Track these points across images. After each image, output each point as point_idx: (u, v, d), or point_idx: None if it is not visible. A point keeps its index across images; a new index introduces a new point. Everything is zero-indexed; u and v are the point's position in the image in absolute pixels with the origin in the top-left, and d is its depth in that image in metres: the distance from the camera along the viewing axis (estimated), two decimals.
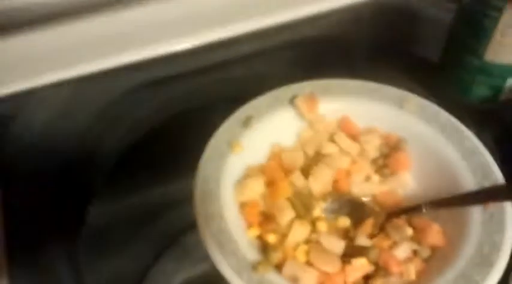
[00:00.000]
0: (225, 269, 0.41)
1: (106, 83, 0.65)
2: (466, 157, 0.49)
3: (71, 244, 0.53)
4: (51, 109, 0.62)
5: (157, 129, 0.65)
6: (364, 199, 0.51)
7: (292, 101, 0.53)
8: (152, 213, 0.62)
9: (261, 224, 0.47)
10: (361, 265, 0.44)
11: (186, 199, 0.47)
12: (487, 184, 0.47)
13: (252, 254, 0.43)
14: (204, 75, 0.69)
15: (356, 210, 0.50)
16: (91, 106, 0.64)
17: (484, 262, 0.42)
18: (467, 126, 0.52)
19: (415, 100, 0.53)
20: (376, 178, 0.52)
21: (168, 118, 0.66)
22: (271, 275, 0.42)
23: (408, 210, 0.49)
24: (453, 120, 0.52)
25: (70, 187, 0.58)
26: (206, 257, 0.43)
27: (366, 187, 0.52)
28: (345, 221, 0.49)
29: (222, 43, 0.67)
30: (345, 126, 0.53)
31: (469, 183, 0.48)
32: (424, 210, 0.48)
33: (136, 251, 0.60)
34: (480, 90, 0.60)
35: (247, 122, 0.51)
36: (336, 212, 0.50)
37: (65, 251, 0.52)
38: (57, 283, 0.50)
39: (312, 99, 0.53)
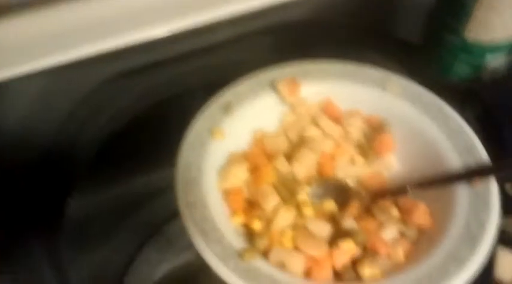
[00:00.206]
0: (210, 257, 0.40)
1: (85, 72, 0.63)
2: (450, 136, 0.49)
3: (51, 237, 0.52)
4: (29, 99, 0.60)
5: (138, 117, 0.64)
6: (349, 182, 0.51)
7: (273, 85, 0.52)
8: (134, 203, 0.61)
9: (245, 211, 0.46)
10: (348, 248, 0.43)
11: (169, 188, 0.45)
12: (472, 162, 0.47)
13: (237, 242, 0.42)
14: (183, 63, 0.68)
15: (341, 193, 0.49)
16: (70, 95, 0.62)
17: (471, 240, 0.42)
18: (450, 105, 0.51)
19: (398, 81, 0.53)
20: (360, 160, 0.51)
21: (148, 107, 0.65)
22: (258, 262, 0.41)
23: (393, 191, 0.48)
24: (437, 99, 0.51)
25: (50, 179, 0.56)
26: (190, 247, 0.42)
27: (351, 170, 0.51)
28: (330, 205, 0.48)
29: (201, 29, 0.66)
30: (327, 109, 0.53)
31: (454, 162, 0.47)
32: (409, 191, 0.47)
33: (119, 242, 0.59)
34: (461, 69, 0.59)
35: (227, 108, 0.50)
36: (321, 196, 0.49)
37: (46, 244, 0.51)
38: (39, 278, 0.49)
39: (293, 82, 0.52)
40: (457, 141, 0.48)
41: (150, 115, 0.63)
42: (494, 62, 0.58)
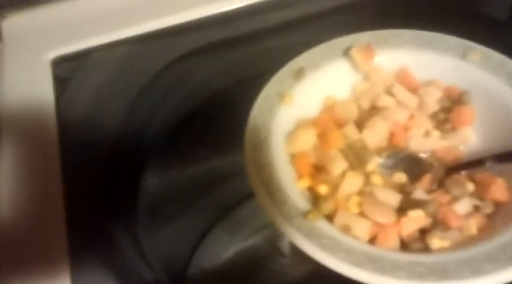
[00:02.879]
0: (276, 215, 0.40)
1: (163, 45, 0.64)
2: None
3: (129, 215, 0.54)
4: (107, 71, 0.62)
5: (214, 96, 0.64)
6: (423, 155, 0.49)
7: (347, 52, 0.51)
8: (207, 184, 0.62)
9: (312, 176, 0.45)
10: (417, 217, 0.42)
11: (241, 172, 0.45)
12: None
13: (303, 204, 0.42)
14: (260, 40, 0.67)
15: (413, 165, 0.48)
16: (146, 69, 0.64)
17: None
18: None
19: (479, 50, 0.50)
20: (436, 133, 0.49)
21: (224, 85, 0.65)
22: (323, 224, 0.41)
23: (470, 165, 0.46)
24: None
25: (125, 153, 0.57)
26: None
27: (425, 142, 0.49)
28: (401, 177, 0.46)
29: (280, 3, 0.66)
30: (403, 78, 0.51)
31: None
32: (487, 165, 0.45)
33: (191, 222, 0.60)
34: None
35: (299, 73, 0.50)
36: (391, 168, 0.48)
37: (123, 222, 0.51)
38: (117, 250, 0.50)
39: (368, 49, 0.50)
40: None
41: (226, 94, 0.63)
42: None
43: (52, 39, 0.62)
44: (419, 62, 0.51)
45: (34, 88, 0.57)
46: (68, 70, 0.61)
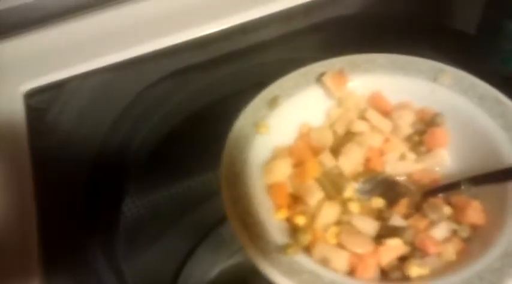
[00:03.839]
0: (253, 252, 0.40)
1: (139, 71, 0.64)
2: (506, 129, 0.46)
3: (107, 237, 0.53)
4: (85, 98, 0.62)
5: (192, 116, 0.64)
6: (399, 178, 0.49)
7: (319, 79, 0.51)
8: (190, 204, 0.62)
9: (289, 207, 0.45)
10: (395, 246, 0.42)
11: (220, 190, 0.45)
12: None
13: (280, 237, 0.42)
14: (237, 61, 0.67)
15: (390, 189, 0.48)
16: (125, 94, 0.63)
17: None
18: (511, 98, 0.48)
19: (450, 72, 0.50)
20: (411, 156, 0.50)
21: (203, 105, 0.65)
22: (301, 257, 0.40)
23: (446, 188, 0.46)
24: (492, 90, 0.48)
25: (104, 179, 0.57)
26: (242, 247, 0.42)
27: (401, 165, 0.49)
28: (378, 202, 0.47)
29: (254, 26, 0.66)
30: (376, 102, 0.51)
31: (511, 156, 0.45)
32: (462, 187, 0.45)
33: (174, 242, 0.60)
34: None
35: (273, 102, 0.50)
36: (369, 193, 0.48)
37: (102, 244, 0.52)
38: (96, 278, 0.50)
39: (340, 75, 0.50)
40: None
41: (204, 114, 0.63)
42: None
43: (25, 72, 0.62)
44: (392, 85, 0.51)
45: (6, 119, 0.56)
46: (42, 101, 0.60)
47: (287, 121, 0.50)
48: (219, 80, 0.67)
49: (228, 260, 0.59)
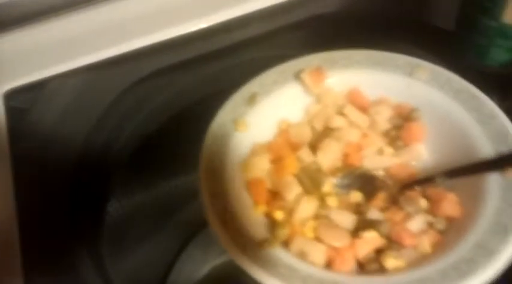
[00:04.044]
0: (231, 247, 0.41)
1: (119, 71, 0.64)
2: (482, 123, 0.47)
3: (92, 238, 0.53)
4: (64, 99, 0.62)
5: (174, 116, 0.64)
6: (377, 173, 0.49)
7: (298, 76, 0.52)
8: (177, 203, 0.62)
9: (268, 202, 0.46)
10: (371, 238, 0.42)
11: None
12: (505, 150, 0.45)
13: (259, 232, 0.42)
14: (217, 60, 0.68)
15: (368, 184, 0.48)
16: (105, 94, 0.63)
17: (502, 230, 0.40)
18: (488, 92, 0.49)
19: (426, 67, 0.51)
20: (388, 151, 0.50)
21: (184, 105, 0.65)
22: (279, 251, 0.41)
23: (421, 181, 0.47)
24: (467, 85, 0.49)
25: (88, 180, 0.57)
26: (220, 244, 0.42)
27: (378, 160, 0.50)
28: (356, 196, 0.47)
29: (233, 25, 0.66)
30: (354, 98, 0.52)
31: (486, 150, 0.45)
32: (438, 180, 0.46)
33: (162, 241, 0.60)
34: (498, 55, 0.57)
35: (252, 99, 0.50)
36: (347, 187, 0.48)
37: (87, 245, 0.51)
38: (82, 281, 0.50)
39: (318, 72, 0.51)
40: (489, 128, 0.46)
41: (189, 113, 0.63)
42: None
43: (4, 71, 0.61)
44: (369, 81, 0.52)
45: None
46: (23, 101, 0.60)
47: (266, 118, 0.50)
48: (202, 79, 0.67)
49: (218, 259, 0.59)
